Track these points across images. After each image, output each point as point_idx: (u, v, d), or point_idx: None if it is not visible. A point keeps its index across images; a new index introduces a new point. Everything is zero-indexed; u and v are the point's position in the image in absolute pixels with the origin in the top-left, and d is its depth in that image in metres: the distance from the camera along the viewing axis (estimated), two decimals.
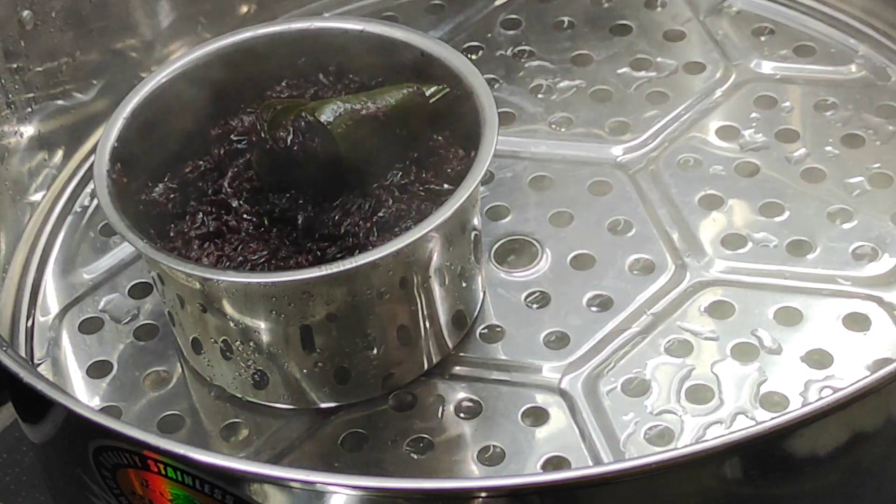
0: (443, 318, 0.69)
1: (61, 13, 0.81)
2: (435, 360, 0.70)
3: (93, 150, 0.83)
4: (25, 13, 0.79)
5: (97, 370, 0.73)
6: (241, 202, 0.68)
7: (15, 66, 0.78)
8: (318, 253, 0.67)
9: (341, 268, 0.64)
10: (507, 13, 0.88)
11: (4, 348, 0.62)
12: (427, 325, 0.69)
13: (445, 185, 0.68)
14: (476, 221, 0.70)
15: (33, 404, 0.64)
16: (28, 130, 0.80)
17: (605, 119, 0.81)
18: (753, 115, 0.80)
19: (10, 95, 0.78)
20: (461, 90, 0.70)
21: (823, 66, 0.83)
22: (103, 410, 0.70)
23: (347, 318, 0.66)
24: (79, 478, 0.63)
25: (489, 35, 0.87)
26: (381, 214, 0.67)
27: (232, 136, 0.70)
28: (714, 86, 0.82)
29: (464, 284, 0.70)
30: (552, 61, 0.85)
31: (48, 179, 0.81)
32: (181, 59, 0.73)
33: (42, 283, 0.77)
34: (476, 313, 0.72)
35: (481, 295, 0.72)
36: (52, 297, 0.77)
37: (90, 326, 0.75)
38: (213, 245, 0.67)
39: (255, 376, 0.68)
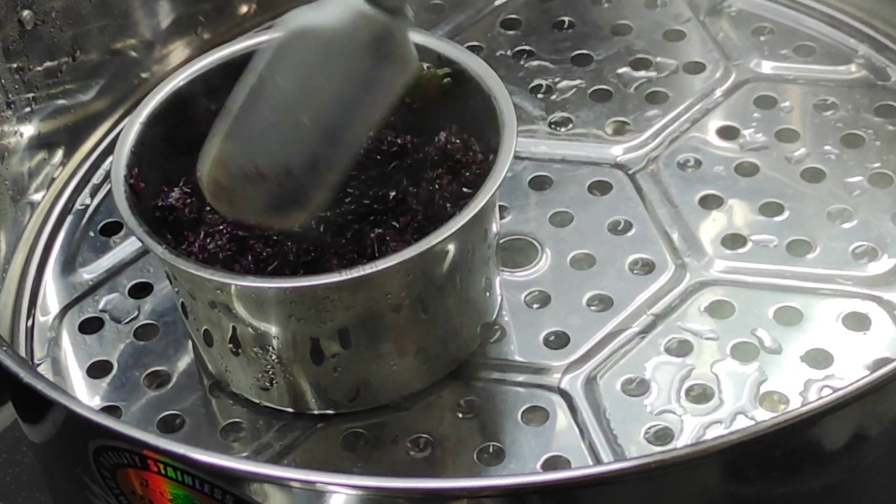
0: (464, 326, 0.69)
1: (61, 13, 0.81)
2: (455, 365, 0.70)
3: (93, 150, 0.84)
4: (25, 13, 0.79)
5: (97, 370, 0.73)
6: None
7: (15, 66, 0.79)
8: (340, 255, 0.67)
9: (359, 273, 0.63)
10: (507, 13, 0.88)
11: (4, 348, 0.62)
12: (448, 334, 0.69)
13: (464, 189, 0.68)
14: (495, 225, 0.69)
15: (33, 404, 0.64)
16: (28, 130, 0.80)
17: (605, 119, 0.81)
18: (753, 115, 0.80)
19: (10, 95, 0.78)
20: (480, 94, 0.70)
21: (823, 66, 0.83)
22: (103, 410, 0.70)
23: (365, 326, 0.66)
24: (79, 478, 0.63)
25: (489, 35, 0.87)
26: (399, 221, 0.67)
27: None
28: (714, 86, 0.82)
29: (485, 293, 0.70)
30: (552, 61, 0.85)
31: (48, 179, 0.81)
32: (197, 62, 0.72)
33: (42, 283, 0.77)
34: (494, 319, 0.72)
35: (499, 300, 0.72)
36: (52, 297, 0.77)
37: (90, 326, 0.75)
38: (230, 246, 0.67)
39: (270, 381, 0.68)
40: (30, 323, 0.75)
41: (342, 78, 0.64)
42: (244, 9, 0.89)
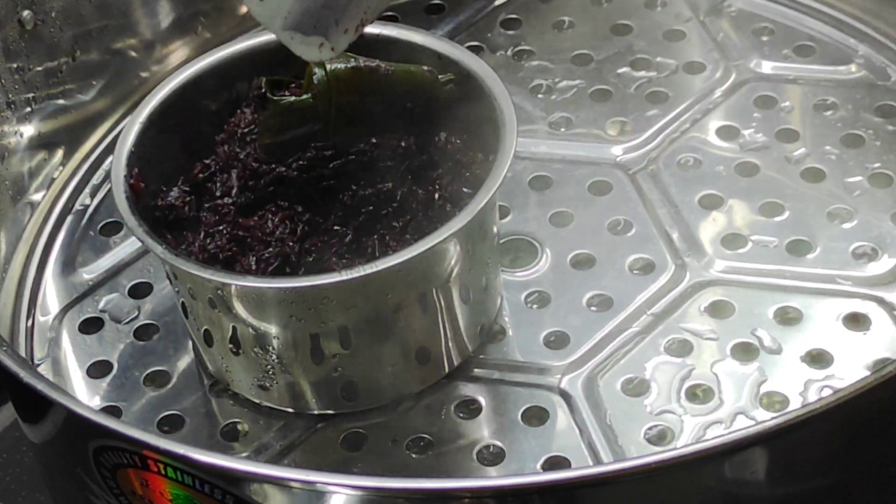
0: (464, 326, 0.69)
1: (61, 13, 0.81)
2: (456, 364, 0.70)
3: (93, 150, 0.84)
4: (25, 13, 0.79)
5: (97, 370, 0.73)
6: (255, 203, 0.68)
7: (15, 66, 0.79)
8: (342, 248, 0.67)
9: (359, 273, 0.63)
10: (507, 13, 0.88)
11: (4, 348, 0.62)
12: (448, 334, 0.69)
13: (464, 189, 0.68)
14: (496, 226, 0.69)
15: (33, 404, 0.64)
16: (28, 130, 0.80)
17: (605, 119, 0.81)
18: (753, 115, 0.81)
19: (10, 95, 0.78)
20: (480, 94, 0.70)
21: (823, 66, 0.83)
22: (103, 410, 0.70)
23: (365, 326, 0.66)
24: (79, 478, 0.63)
25: (489, 35, 0.87)
26: (400, 221, 0.67)
27: (236, 129, 0.70)
28: (714, 86, 0.82)
29: (485, 293, 0.70)
30: (552, 61, 0.85)
31: (48, 179, 0.81)
32: (197, 62, 0.72)
33: (42, 283, 0.77)
34: (495, 318, 0.72)
35: (499, 300, 0.72)
36: (52, 297, 0.77)
37: (90, 326, 0.75)
38: (230, 247, 0.67)
39: (270, 381, 0.68)
40: (30, 323, 0.75)
41: None
42: (244, 9, 0.89)
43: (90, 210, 0.81)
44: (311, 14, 0.63)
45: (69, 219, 0.81)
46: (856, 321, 0.70)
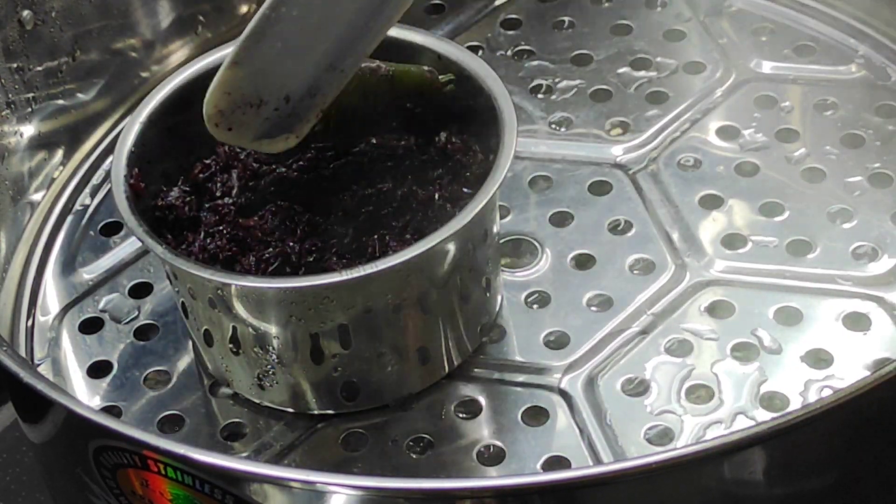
0: (464, 326, 0.69)
1: (61, 13, 0.81)
2: (456, 364, 0.70)
3: (93, 150, 0.84)
4: (25, 13, 0.79)
5: (97, 370, 0.73)
6: (254, 204, 0.68)
7: (15, 66, 0.79)
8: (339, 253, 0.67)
9: (359, 273, 0.63)
10: (507, 13, 0.88)
11: (4, 348, 0.62)
12: (448, 334, 0.69)
13: (464, 189, 0.68)
14: (496, 226, 0.70)
15: (33, 404, 0.64)
16: (28, 130, 0.80)
17: (605, 119, 0.81)
18: (753, 115, 0.80)
19: (10, 95, 0.78)
20: (480, 94, 0.70)
21: (823, 66, 0.83)
22: (103, 410, 0.70)
23: (364, 326, 0.66)
24: (79, 478, 0.63)
25: (489, 35, 0.87)
26: (400, 221, 0.67)
27: None
28: (714, 86, 0.82)
29: (485, 293, 0.70)
30: (552, 61, 0.85)
31: (48, 179, 0.81)
32: (197, 62, 0.72)
33: (42, 283, 0.77)
34: (494, 319, 0.72)
35: (499, 300, 0.72)
36: (52, 297, 0.77)
37: (90, 326, 0.75)
38: (230, 247, 0.67)
39: (270, 381, 0.68)
40: (30, 323, 0.75)
41: (357, 5, 0.65)
42: (244, 9, 0.89)
43: (90, 210, 0.81)
44: (277, 124, 0.66)
45: (69, 219, 0.81)
46: (856, 321, 0.70)
